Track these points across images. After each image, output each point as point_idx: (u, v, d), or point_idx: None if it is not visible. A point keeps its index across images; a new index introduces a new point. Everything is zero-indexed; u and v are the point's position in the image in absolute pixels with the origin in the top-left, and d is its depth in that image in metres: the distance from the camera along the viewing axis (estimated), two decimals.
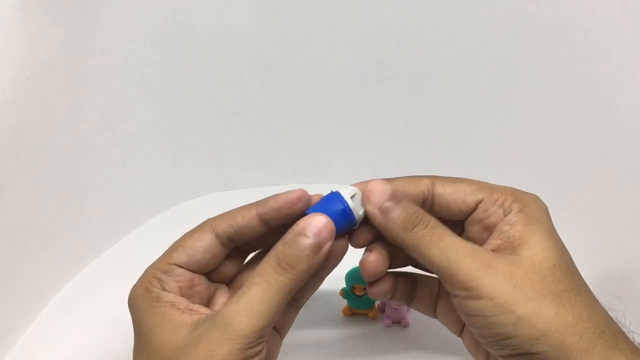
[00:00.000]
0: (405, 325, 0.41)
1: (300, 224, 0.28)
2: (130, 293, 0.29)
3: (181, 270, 0.30)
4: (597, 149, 0.42)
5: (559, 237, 0.29)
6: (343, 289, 0.42)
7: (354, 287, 0.41)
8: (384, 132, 0.53)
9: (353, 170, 0.56)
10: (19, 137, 0.38)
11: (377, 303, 0.42)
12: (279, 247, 0.28)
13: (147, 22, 0.46)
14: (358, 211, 0.29)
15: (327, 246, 0.28)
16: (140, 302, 0.28)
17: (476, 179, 0.33)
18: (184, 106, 0.51)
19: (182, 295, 0.29)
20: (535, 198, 0.31)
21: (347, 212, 0.29)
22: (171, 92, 0.50)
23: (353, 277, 0.41)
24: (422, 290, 0.34)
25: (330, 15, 0.47)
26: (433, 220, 0.29)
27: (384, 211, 0.29)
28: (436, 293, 0.34)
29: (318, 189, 0.52)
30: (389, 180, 0.32)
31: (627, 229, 0.40)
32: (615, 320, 0.28)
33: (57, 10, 0.39)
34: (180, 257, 0.30)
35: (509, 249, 0.28)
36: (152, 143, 0.51)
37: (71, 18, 0.41)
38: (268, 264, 0.28)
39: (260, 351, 0.27)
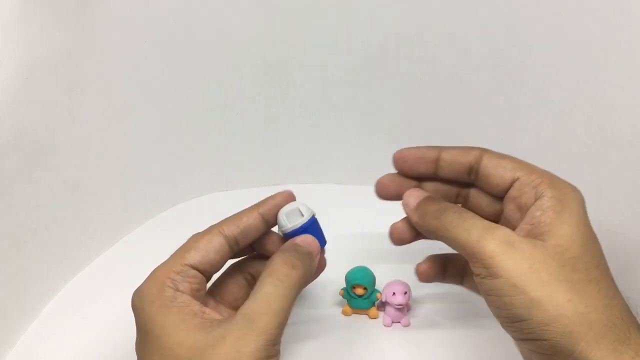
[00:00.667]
0: (405, 325, 0.41)
1: (296, 239, 0.32)
2: (140, 292, 0.29)
3: (194, 272, 0.30)
4: (597, 149, 0.42)
5: (590, 229, 0.29)
6: (343, 289, 0.42)
7: (354, 287, 0.41)
8: (384, 132, 0.53)
9: (353, 170, 0.56)
10: (19, 137, 0.38)
11: (377, 303, 0.42)
12: (284, 253, 0.31)
13: (147, 22, 0.46)
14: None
15: (317, 257, 0.32)
16: (153, 301, 0.28)
17: None
18: (184, 106, 0.51)
19: (192, 297, 0.30)
20: (573, 188, 0.31)
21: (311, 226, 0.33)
22: (171, 92, 0.50)
23: (353, 277, 0.41)
24: (452, 266, 0.36)
25: (331, 16, 0.47)
26: (461, 208, 0.31)
27: (418, 210, 0.32)
28: (463, 267, 0.36)
29: (318, 189, 0.53)
30: (439, 147, 0.34)
31: (627, 229, 0.40)
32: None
33: (57, 10, 0.39)
34: (194, 258, 0.30)
35: (537, 234, 0.29)
36: (152, 143, 0.51)
37: (71, 18, 0.41)
38: (277, 265, 0.30)
39: (279, 350, 0.28)
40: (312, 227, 0.33)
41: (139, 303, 0.29)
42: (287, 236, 0.33)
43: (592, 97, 0.42)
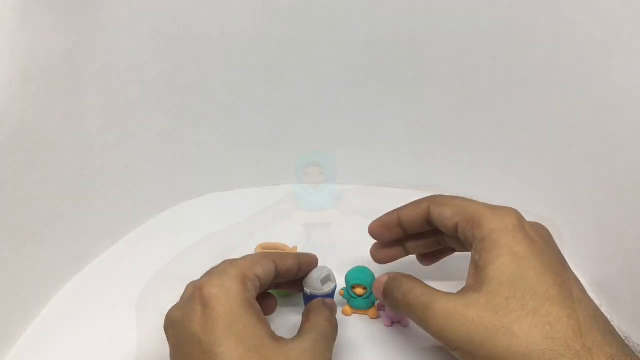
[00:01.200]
0: (405, 325, 0.41)
1: (326, 301, 0.37)
2: (221, 283, 0.30)
3: (258, 284, 0.32)
4: (597, 149, 0.42)
5: (523, 255, 0.30)
6: (343, 289, 0.42)
7: (354, 287, 0.41)
8: (384, 132, 0.53)
9: (353, 170, 0.56)
10: (19, 137, 0.38)
11: (377, 303, 0.42)
12: (330, 316, 0.35)
13: (147, 22, 0.46)
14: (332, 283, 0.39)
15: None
16: (236, 297, 0.29)
17: (477, 179, 0.33)
18: (184, 106, 0.51)
19: None
20: (502, 217, 0.31)
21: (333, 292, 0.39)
22: (171, 92, 0.50)
23: (353, 277, 0.41)
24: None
25: (330, 16, 0.47)
26: (407, 286, 0.33)
27: (385, 298, 0.36)
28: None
29: (318, 189, 0.52)
30: (397, 210, 0.37)
31: (627, 229, 0.40)
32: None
33: (58, 10, 0.39)
34: (260, 271, 0.32)
35: (478, 281, 0.30)
36: (152, 143, 0.51)
37: (72, 18, 0.41)
38: (327, 314, 0.34)
39: None
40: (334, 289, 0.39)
41: (222, 293, 0.29)
42: (316, 296, 0.37)
43: (592, 97, 0.42)
